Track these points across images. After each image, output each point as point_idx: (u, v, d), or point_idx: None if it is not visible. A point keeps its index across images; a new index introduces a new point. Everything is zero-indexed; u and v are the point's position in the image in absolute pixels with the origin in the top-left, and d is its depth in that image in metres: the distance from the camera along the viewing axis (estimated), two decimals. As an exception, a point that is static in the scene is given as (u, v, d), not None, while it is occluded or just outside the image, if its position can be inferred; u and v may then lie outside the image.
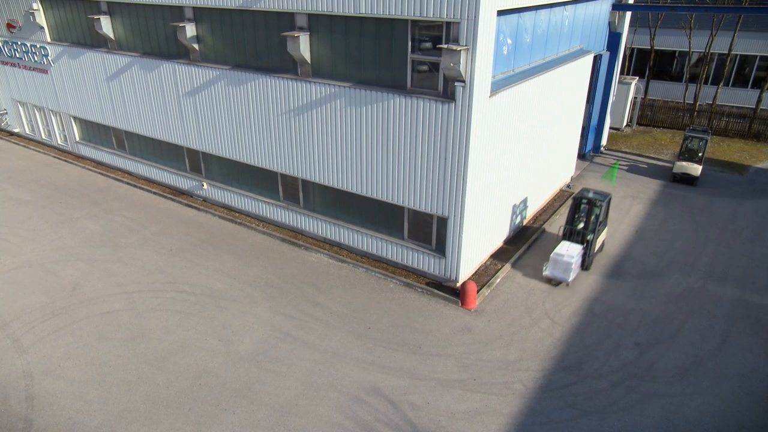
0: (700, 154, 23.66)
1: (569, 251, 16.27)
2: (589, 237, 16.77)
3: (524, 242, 18.88)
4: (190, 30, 18.74)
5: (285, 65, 17.17)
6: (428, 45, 14.21)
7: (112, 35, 21.78)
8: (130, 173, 25.01)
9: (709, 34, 31.69)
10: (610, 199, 17.35)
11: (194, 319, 15.12)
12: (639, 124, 32.87)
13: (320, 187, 18.30)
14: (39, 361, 13.58)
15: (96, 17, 21.21)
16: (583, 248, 16.67)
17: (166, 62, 20.19)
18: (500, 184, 16.90)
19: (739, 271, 17.45)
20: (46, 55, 24.88)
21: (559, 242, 17.03)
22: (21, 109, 29.24)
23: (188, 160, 22.12)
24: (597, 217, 16.80)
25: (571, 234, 17.07)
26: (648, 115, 32.72)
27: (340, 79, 16.13)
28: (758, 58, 33.38)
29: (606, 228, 18.14)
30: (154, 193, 23.25)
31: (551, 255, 16.48)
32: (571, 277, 16.28)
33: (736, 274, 17.32)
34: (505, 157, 16.74)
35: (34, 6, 23.86)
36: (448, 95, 14.28)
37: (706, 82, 34.22)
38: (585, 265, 17.15)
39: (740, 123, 30.64)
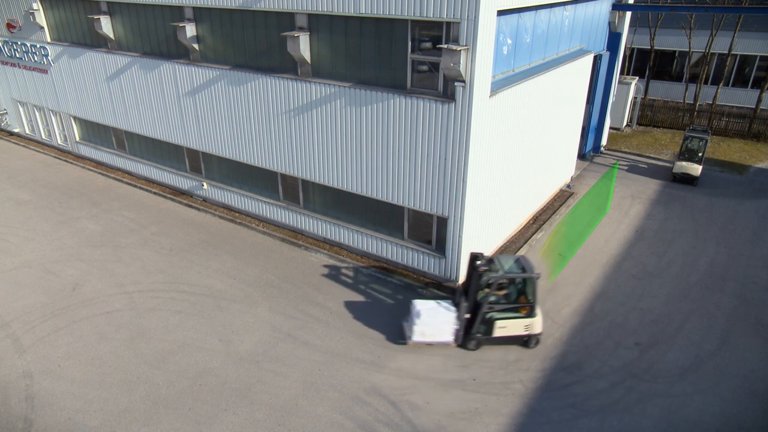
0: (700, 154, 23.67)
1: (425, 310, 13.68)
2: (482, 306, 13.40)
3: (524, 242, 18.88)
4: (190, 30, 18.73)
5: (285, 65, 17.17)
6: (428, 45, 14.21)
7: (112, 35, 21.78)
8: (130, 173, 25.00)
9: (709, 34, 31.68)
10: (532, 280, 13.37)
11: (194, 319, 15.12)
12: (639, 124, 32.86)
13: (320, 187, 18.30)
14: (39, 361, 13.58)
15: (96, 17, 21.21)
16: (458, 318, 13.64)
17: (166, 62, 20.19)
18: (500, 183, 16.89)
19: (739, 271, 17.45)
20: (46, 55, 24.88)
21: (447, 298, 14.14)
22: (21, 109, 29.23)
23: (188, 160, 22.12)
24: (503, 294, 13.63)
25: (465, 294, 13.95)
26: (648, 115, 32.71)
27: (340, 79, 16.13)
28: (758, 58, 33.36)
29: (536, 318, 13.60)
30: (154, 193, 23.25)
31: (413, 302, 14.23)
32: (415, 338, 13.76)
33: (736, 274, 17.32)
34: (505, 156, 16.74)
35: (34, 6, 23.85)
36: (448, 95, 14.28)
37: (706, 82, 34.21)
38: (462, 342, 13.83)
39: (740, 123, 30.63)
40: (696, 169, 23.50)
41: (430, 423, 11.77)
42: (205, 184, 21.78)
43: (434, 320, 13.69)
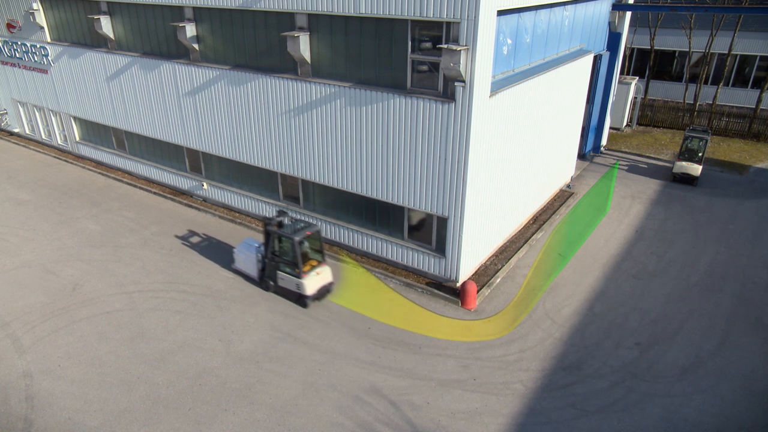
0: (700, 154, 23.67)
1: (244, 245, 16.41)
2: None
3: (524, 242, 18.88)
4: (190, 30, 18.73)
5: (285, 65, 17.17)
6: (428, 45, 14.21)
7: (112, 35, 21.78)
8: (130, 173, 25.00)
9: (709, 34, 31.69)
10: (293, 242, 14.71)
11: (194, 319, 15.12)
12: (639, 124, 32.86)
13: (320, 187, 18.30)
14: (39, 361, 13.58)
15: (96, 17, 21.21)
16: (260, 262, 16.00)
17: (166, 62, 20.18)
18: (500, 183, 16.89)
19: (739, 271, 17.45)
20: (46, 55, 24.88)
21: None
22: (21, 109, 29.23)
23: (188, 160, 22.11)
24: (285, 247, 15.21)
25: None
26: (648, 115, 32.72)
27: (340, 79, 16.13)
28: (758, 58, 33.36)
29: (303, 280, 15.00)
30: (154, 193, 23.25)
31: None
32: (235, 265, 16.87)
33: (736, 274, 17.32)
34: (505, 157, 16.74)
35: (34, 6, 23.86)
36: (448, 95, 14.28)
37: (706, 82, 34.21)
38: (259, 282, 16.31)
39: (740, 123, 30.63)
40: (696, 169, 23.50)
41: (430, 423, 11.77)
42: (205, 184, 21.78)
43: (245, 255, 16.28)
